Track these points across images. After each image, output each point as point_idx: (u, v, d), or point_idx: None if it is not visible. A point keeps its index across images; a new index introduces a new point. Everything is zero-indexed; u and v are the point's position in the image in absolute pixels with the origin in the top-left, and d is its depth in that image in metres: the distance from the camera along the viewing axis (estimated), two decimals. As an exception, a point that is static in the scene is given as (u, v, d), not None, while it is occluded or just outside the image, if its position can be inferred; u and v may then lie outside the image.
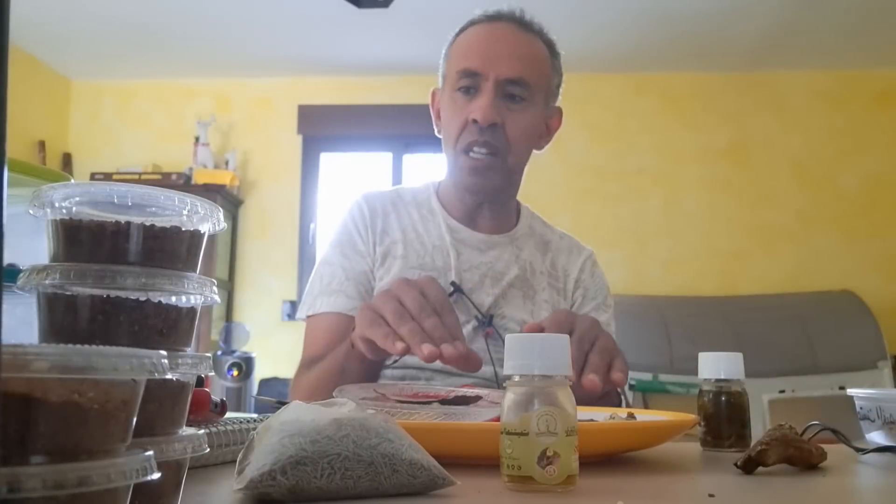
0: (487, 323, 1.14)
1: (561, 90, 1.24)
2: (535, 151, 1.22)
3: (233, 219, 4.09)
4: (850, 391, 0.82)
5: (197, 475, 0.54)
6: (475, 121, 1.11)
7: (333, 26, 3.54)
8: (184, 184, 3.89)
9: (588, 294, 1.24)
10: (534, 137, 1.19)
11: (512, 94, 1.13)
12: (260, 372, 3.81)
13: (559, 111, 1.25)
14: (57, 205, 0.39)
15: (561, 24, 4.09)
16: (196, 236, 0.42)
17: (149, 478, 0.29)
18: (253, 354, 3.73)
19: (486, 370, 1.10)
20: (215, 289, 0.42)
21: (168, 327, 0.39)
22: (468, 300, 1.14)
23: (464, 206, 1.22)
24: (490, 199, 1.20)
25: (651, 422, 0.70)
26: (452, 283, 1.15)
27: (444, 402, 0.70)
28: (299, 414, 0.48)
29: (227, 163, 4.06)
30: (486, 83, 1.12)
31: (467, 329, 1.14)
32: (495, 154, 1.13)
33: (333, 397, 0.62)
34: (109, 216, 0.39)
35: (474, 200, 1.20)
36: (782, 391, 3.14)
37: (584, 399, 0.73)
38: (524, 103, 1.14)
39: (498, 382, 1.09)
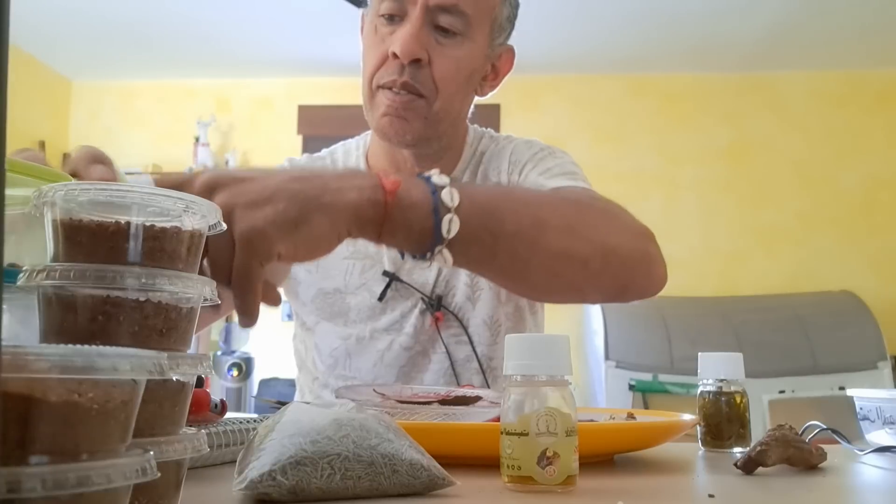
0: (436, 306, 1.01)
1: (514, 25, 1.06)
2: (476, 98, 1.07)
3: (233, 219, 4.08)
4: (850, 391, 0.83)
5: (197, 475, 0.54)
6: (395, 55, 0.94)
7: (334, 26, 3.54)
8: (184, 184, 3.90)
9: (516, 173, 1.04)
10: (470, 80, 1.01)
11: (443, 25, 0.95)
12: (260, 372, 3.80)
13: (510, 51, 1.07)
14: (57, 205, 0.39)
15: (561, 24, 4.06)
16: (196, 236, 0.42)
17: (149, 478, 0.29)
18: (253, 355, 3.73)
19: (443, 361, 1.02)
20: (215, 289, 0.42)
21: (168, 327, 0.39)
22: (408, 286, 1.02)
23: (391, 162, 1.04)
24: (416, 152, 1.02)
25: (651, 422, 0.70)
26: (385, 273, 1.02)
27: (444, 402, 0.70)
28: (299, 414, 0.48)
29: (227, 163, 4.06)
30: (413, 8, 0.94)
31: (413, 315, 1.02)
32: (418, 97, 0.96)
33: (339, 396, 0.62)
34: (109, 216, 0.39)
35: (392, 155, 1.04)
36: (782, 391, 3.14)
37: None
38: (458, 38, 0.96)
39: (455, 373, 1.01)
